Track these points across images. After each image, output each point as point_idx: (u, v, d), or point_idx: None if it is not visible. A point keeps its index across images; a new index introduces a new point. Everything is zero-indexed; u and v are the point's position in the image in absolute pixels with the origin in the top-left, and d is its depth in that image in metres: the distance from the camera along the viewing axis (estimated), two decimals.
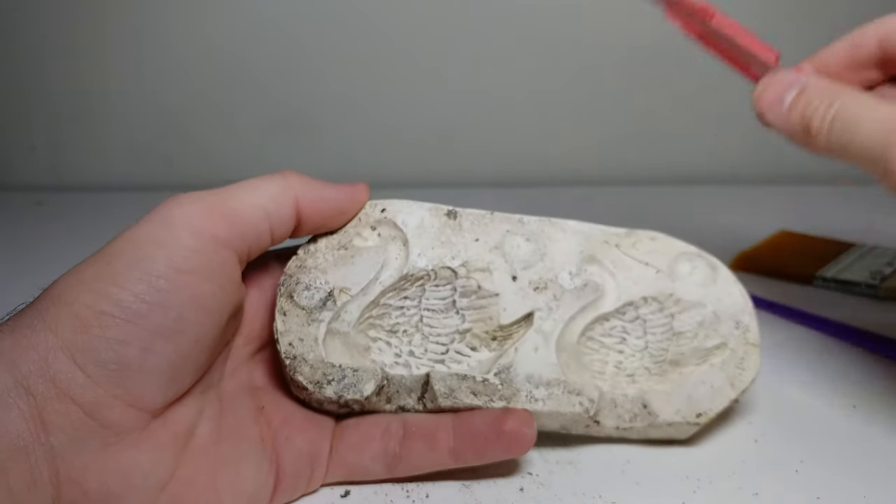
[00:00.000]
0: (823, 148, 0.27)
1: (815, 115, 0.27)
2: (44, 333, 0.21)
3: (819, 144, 0.27)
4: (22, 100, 0.68)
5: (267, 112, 0.69)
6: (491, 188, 0.68)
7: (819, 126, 0.27)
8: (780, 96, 0.29)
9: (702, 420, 0.29)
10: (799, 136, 0.28)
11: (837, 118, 0.27)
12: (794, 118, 0.28)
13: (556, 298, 0.30)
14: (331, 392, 0.26)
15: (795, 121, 0.28)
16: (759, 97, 0.30)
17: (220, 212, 0.25)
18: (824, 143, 0.27)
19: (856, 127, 0.26)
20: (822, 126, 0.27)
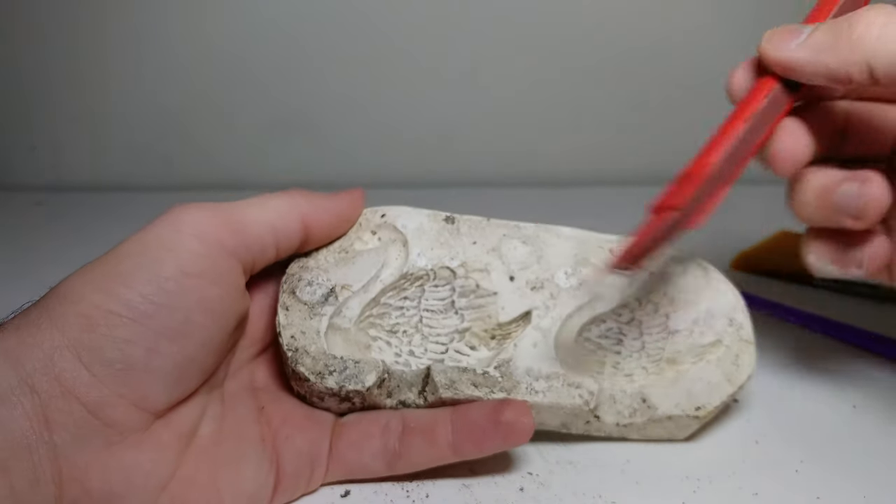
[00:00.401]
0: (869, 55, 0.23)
1: (858, 21, 0.23)
2: (50, 331, 0.21)
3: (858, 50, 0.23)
4: (22, 100, 0.68)
5: (267, 112, 0.69)
6: (491, 188, 0.68)
7: (866, 29, 0.23)
8: (796, 30, 0.25)
9: (701, 413, 0.29)
10: (828, 53, 0.24)
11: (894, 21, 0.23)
12: (820, 37, 0.24)
13: (552, 297, 0.30)
14: (332, 382, 0.27)
15: (821, 38, 0.24)
16: (770, 35, 0.26)
17: (228, 222, 0.25)
18: (868, 48, 0.23)
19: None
20: (871, 28, 0.23)
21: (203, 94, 0.68)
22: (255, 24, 0.65)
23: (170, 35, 0.66)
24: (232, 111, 0.69)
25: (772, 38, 0.25)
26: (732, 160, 0.25)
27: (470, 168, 0.73)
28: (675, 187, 0.25)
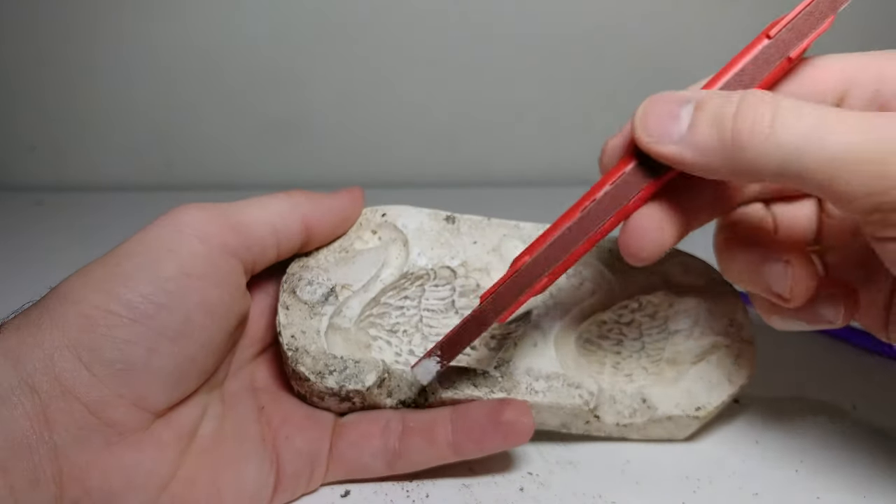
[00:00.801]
0: (761, 161, 0.20)
1: (742, 121, 0.20)
2: (50, 331, 0.21)
3: (755, 157, 0.20)
4: (22, 100, 0.68)
5: (267, 112, 0.69)
6: (491, 188, 0.68)
7: (751, 131, 0.20)
8: (672, 115, 0.22)
9: (701, 414, 0.29)
10: (716, 156, 0.21)
11: (783, 118, 0.20)
12: (705, 133, 0.21)
13: (553, 297, 0.30)
14: (332, 382, 0.27)
15: (707, 136, 0.21)
16: (643, 119, 0.22)
17: (229, 222, 0.25)
18: (764, 154, 0.20)
19: (822, 128, 0.19)
20: (757, 130, 0.20)
21: (203, 94, 0.68)
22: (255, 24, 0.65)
23: (170, 35, 0.66)
24: (232, 111, 0.69)
25: (647, 123, 0.22)
26: (562, 250, 0.24)
27: (470, 168, 0.73)
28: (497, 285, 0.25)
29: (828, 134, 0.19)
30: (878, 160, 0.19)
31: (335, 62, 0.67)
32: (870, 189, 0.19)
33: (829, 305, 0.25)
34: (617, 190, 0.24)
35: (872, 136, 0.19)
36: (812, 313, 0.25)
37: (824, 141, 0.19)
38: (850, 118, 0.20)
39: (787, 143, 0.20)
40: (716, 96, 0.21)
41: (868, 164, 0.19)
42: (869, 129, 0.19)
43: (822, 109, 0.20)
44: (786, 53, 0.23)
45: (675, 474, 0.29)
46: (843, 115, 0.20)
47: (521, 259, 0.25)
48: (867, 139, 0.19)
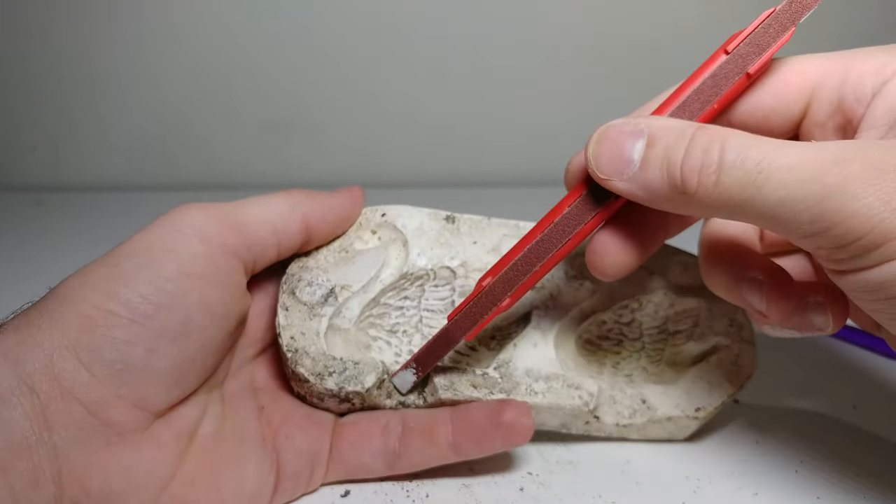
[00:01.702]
0: (709, 206, 0.20)
1: (690, 167, 0.20)
2: (49, 332, 0.21)
3: (702, 203, 0.21)
4: (22, 100, 0.68)
5: (267, 112, 0.69)
6: (490, 188, 0.68)
7: (701, 181, 0.20)
8: (625, 153, 0.22)
9: (700, 415, 0.29)
10: (666, 197, 0.21)
11: (728, 166, 0.20)
12: (655, 175, 0.21)
13: (552, 297, 0.30)
14: (332, 384, 0.27)
15: (657, 178, 0.21)
16: (595, 154, 0.22)
17: (229, 222, 0.25)
18: (712, 200, 0.20)
19: (761, 175, 0.19)
20: (706, 179, 0.20)
21: (203, 94, 0.68)
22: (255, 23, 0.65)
23: (170, 35, 0.65)
24: (232, 111, 0.69)
25: (599, 159, 0.22)
26: (523, 271, 0.25)
27: (470, 168, 0.73)
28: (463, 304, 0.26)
29: (767, 180, 0.19)
30: (811, 203, 0.19)
31: (335, 62, 0.67)
32: (809, 230, 0.20)
33: (819, 313, 0.25)
34: (573, 213, 0.24)
35: (808, 177, 0.19)
36: (802, 321, 0.26)
37: (764, 188, 0.19)
38: (791, 156, 0.19)
39: (732, 192, 0.20)
40: (667, 132, 0.21)
41: (804, 208, 0.19)
42: (806, 169, 0.19)
43: (765, 149, 0.20)
44: (745, 69, 0.23)
45: (675, 474, 0.29)
46: (785, 153, 0.20)
47: (485, 279, 0.25)
48: (803, 182, 0.19)
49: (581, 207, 0.24)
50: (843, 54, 0.24)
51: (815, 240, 0.20)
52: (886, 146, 0.20)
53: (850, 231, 0.19)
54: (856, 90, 0.23)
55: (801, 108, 0.24)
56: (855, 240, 0.19)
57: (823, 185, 0.19)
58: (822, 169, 0.19)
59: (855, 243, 0.19)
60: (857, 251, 0.19)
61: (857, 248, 0.19)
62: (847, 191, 0.19)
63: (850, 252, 0.19)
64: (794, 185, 0.19)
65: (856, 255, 0.19)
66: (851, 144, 0.20)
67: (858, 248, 0.19)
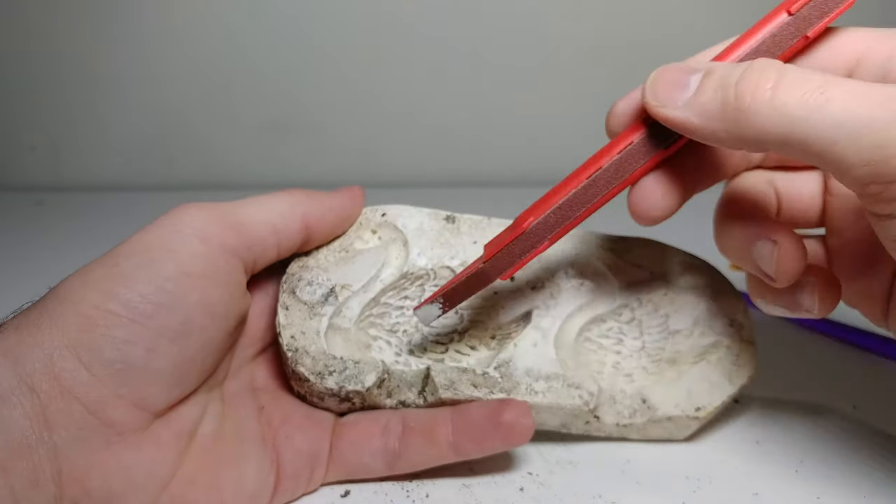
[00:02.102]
0: (763, 125, 0.20)
1: (746, 83, 0.20)
2: (49, 331, 0.21)
3: (755, 121, 0.20)
4: (22, 100, 0.68)
5: (267, 112, 0.69)
6: (490, 188, 0.68)
7: (753, 95, 0.20)
8: (683, 80, 0.22)
9: (700, 414, 0.29)
10: (719, 118, 0.21)
11: (788, 82, 0.20)
12: (709, 96, 0.21)
13: (553, 297, 0.30)
14: (332, 383, 0.27)
15: (710, 99, 0.21)
16: (652, 85, 0.23)
17: (229, 222, 0.25)
18: (766, 118, 0.20)
19: (823, 94, 0.19)
20: (761, 93, 0.20)
21: (203, 94, 0.68)
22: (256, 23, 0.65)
23: (170, 35, 0.66)
24: (232, 111, 0.69)
25: (656, 89, 0.23)
26: (566, 215, 0.25)
27: (470, 168, 0.73)
28: (495, 239, 0.26)
29: (830, 100, 0.19)
30: (877, 128, 0.18)
31: (335, 62, 0.67)
32: (868, 158, 0.19)
33: (807, 293, 0.25)
34: (624, 158, 0.24)
35: (874, 103, 0.19)
36: (791, 300, 0.26)
37: (826, 107, 0.19)
38: (854, 86, 0.19)
39: (789, 107, 0.20)
40: (724, 66, 0.22)
41: (867, 132, 0.19)
42: (871, 96, 0.19)
43: (827, 77, 0.20)
44: (804, 31, 0.22)
45: (675, 474, 0.29)
46: (848, 83, 0.19)
47: (526, 220, 0.25)
48: (868, 106, 0.19)
49: (633, 152, 0.24)
50: (892, 31, 0.23)
51: (870, 170, 0.19)
52: None
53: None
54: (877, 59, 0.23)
55: (844, 75, 0.23)
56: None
57: (892, 113, 0.18)
58: (892, 96, 0.19)
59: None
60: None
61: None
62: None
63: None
64: (859, 108, 0.19)
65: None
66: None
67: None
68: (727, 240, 0.27)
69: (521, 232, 0.25)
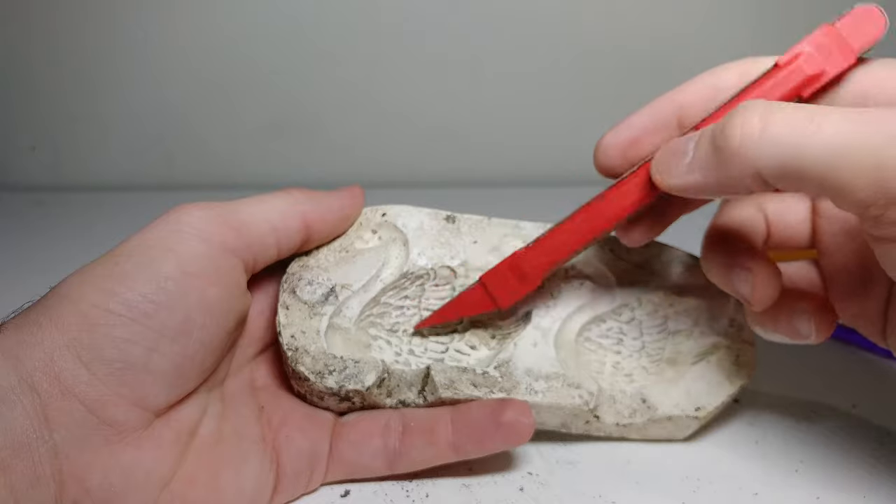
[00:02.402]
0: (754, 159, 0.20)
1: (732, 127, 0.20)
2: (49, 330, 0.21)
3: (748, 155, 0.20)
4: (22, 100, 0.68)
5: (267, 112, 0.69)
6: (491, 188, 0.68)
7: (741, 138, 0.20)
8: (683, 149, 0.23)
9: (700, 414, 0.29)
10: (712, 173, 0.21)
11: (776, 117, 0.20)
12: (702, 150, 0.22)
13: (553, 297, 0.30)
14: (332, 382, 0.27)
15: (703, 151, 0.22)
16: (660, 162, 0.24)
17: (229, 221, 0.25)
18: (758, 151, 0.20)
19: (813, 122, 0.19)
20: (750, 129, 0.20)
21: (203, 94, 0.68)
22: (255, 23, 0.65)
23: (170, 35, 0.66)
24: (232, 111, 0.69)
25: (661, 167, 0.24)
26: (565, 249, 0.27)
27: (470, 168, 0.73)
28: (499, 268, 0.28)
29: (821, 126, 0.19)
30: (874, 149, 0.18)
31: (335, 62, 0.67)
32: (866, 180, 0.19)
33: (804, 321, 0.26)
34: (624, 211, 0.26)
35: (867, 125, 0.19)
36: (789, 327, 0.26)
37: (818, 133, 0.19)
38: (843, 112, 0.19)
39: (781, 139, 0.20)
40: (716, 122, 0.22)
41: (864, 154, 0.18)
42: (864, 119, 0.19)
43: (813, 107, 0.20)
44: None
45: (675, 474, 0.29)
46: (836, 110, 0.19)
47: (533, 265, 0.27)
48: (862, 129, 0.19)
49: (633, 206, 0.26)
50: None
51: (870, 193, 0.19)
52: None
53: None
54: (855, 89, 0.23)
55: None
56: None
57: (887, 134, 0.18)
58: (885, 119, 0.18)
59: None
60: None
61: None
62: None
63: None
64: (852, 131, 0.18)
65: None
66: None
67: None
68: (709, 265, 0.27)
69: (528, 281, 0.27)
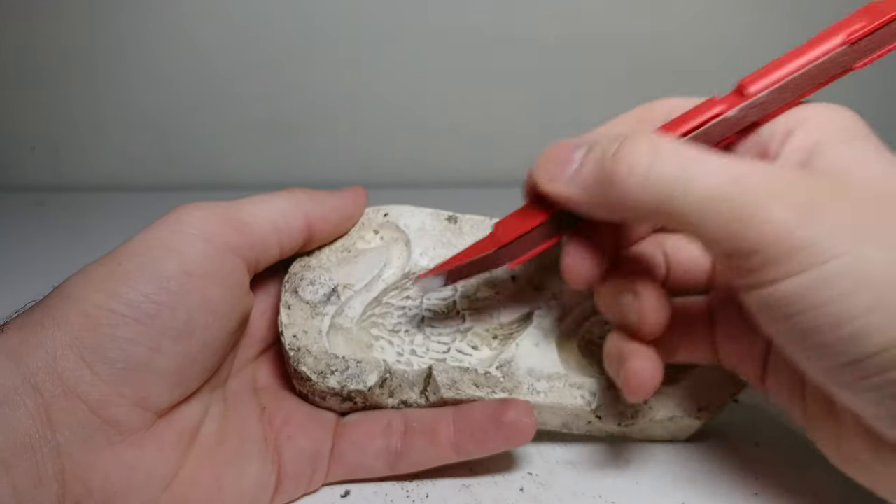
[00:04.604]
0: (636, 199, 0.21)
1: (622, 158, 0.21)
2: (52, 330, 0.21)
3: (630, 197, 0.21)
4: (22, 100, 0.68)
5: (267, 112, 0.69)
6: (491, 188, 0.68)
7: (628, 171, 0.21)
8: (568, 156, 0.23)
9: (703, 415, 0.29)
10: (598, 194, 0.22)
11: (660, 158, 0.20)
12: (589, 170, 0.22)
13: (555, 297, 0.30)
14: (334, 382, 0.27)
15: (590, 173, 0.22)
16: (540, 166, 0.24)
17: (231, 221, 0.25)
18: (639, 194, 0.21)
19: (689, 171, 0.20)
20: (634, 170, 0.21)
21: (203, 95, 0.68)
22: (255, 24, 0.65)
23: (170, 35, 0.66)
24: (232, 111, 0.69)
25: (545, 165, 0.24)
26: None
27: (470, 168, 0.73)
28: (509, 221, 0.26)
29: (694, 178, 0.20)
30: (733, 203, 0.19)
31: (335, 62, 0.67)
32: (726, 232, 0.20)
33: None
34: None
35: (730, 179, 0.20)
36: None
37: (691, 185, 0.20)
38: (718, 162, 0.20)
39: (659, 185, 0.20)
40: (605, 138, 0.22)
41: (724, 208, 0.19)
42: (728, 173, 0.20)
43: (694, 153, 0.21)
44: (854, 63, 0.23)
45: (675, 475, 0.29)
46: (713, 160, 0.20)
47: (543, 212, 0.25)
48: (725, 183, 0.20)
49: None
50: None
51: (730, 244, 0.20)
52: (804, 172, 0.21)
53: (763, 238, 0.19)
54: (772, 125, 0.23)
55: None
56: (766, 247, 0.19)
57: (745, 190, 0.19)
58: (747, 174, 0.20)
59: (765, 252, 0.19)
60: (768, 260, 0.19)
61: (768, 257, 0.19)
62: (768, 198, 0.19)
63: (761, 261, 0.19)
64: (718, 186, 0.20)
65: (766, 264, 0.19)
66: (774, 165, 0.21)
67: (769, 257, 0.19)
68: (598, 296, 0.27)
69: (540, 222, 0.25)
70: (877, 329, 0.18)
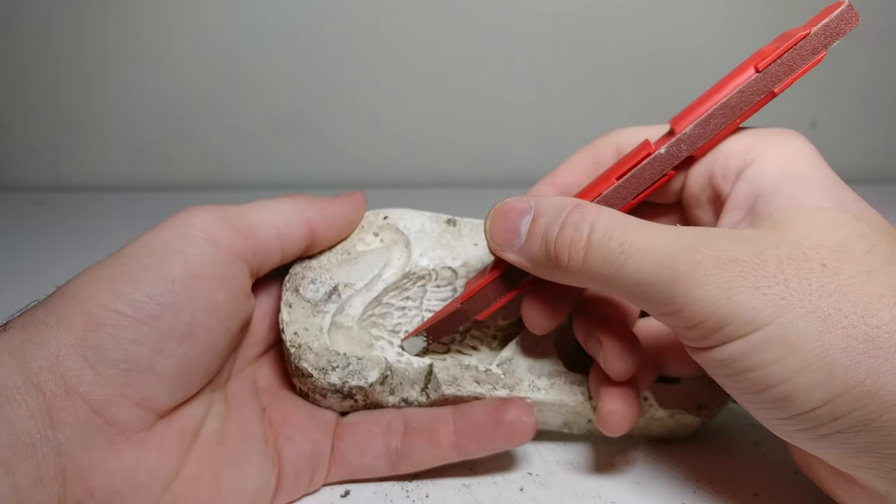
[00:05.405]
0: (580, 279, 0.23)
1: (563, 242, 0.22)
2: (56, 329, 0.21)
3: (573, 276, 0.23)
4: (22, 100, 0.68)
5: (267, 112, 0.69)
6: (491, 188, 0.68)
7: (568, 257, 0.22)
8: (515, 226, 0.24)
9: (703, 413, 0.29)
10: (545, 268, 0.23)
11: (594, 244, 0.22)
12: (535, 247, 0.23)
13: None
14: (335, 378, 0.27)
15: (537, 250, 0.23)
16: (489, 229, 0.25)
17: (236, 226, 0.25)
18: (581, 275, 0.22)
19: (622, 255, 0.21)
20: (575, 254, 0.22)
21: (203, 94, 0.68)
22: (256, 23, 0.66)
23: (170, 35, 0.66)
24: (232, 111, 0.69)
25: (492, 231, 0.25)
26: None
27: (470, 168, 0.73)
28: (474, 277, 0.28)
29: (627, 260, 0.21)
30: (664, 287, 0.21)
31: (335, 63, 0.67)
32: (663, 310, 0.21)
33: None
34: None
35: (660, 262, 0.21)
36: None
37: (624, 268, 0.21)
38: (652, 239, 0.21)
39: (597, 269, 0.22)
40: (549, 208, 0.23)
41: (659, 289, 0.21)
42: (658, 254, 0.21)
43: (629, 232, 0.22)
44: (772, 88, 0.23)
45: (675, 474, 0.29)
46: (648, 236, 0.21)
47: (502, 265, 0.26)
48: (656, 265, 0.21)
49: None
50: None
51: (670, 318, 0.22)
52: (734, 235, 0.22)
53: (695, 314, 0.20)
54: (723, 168, 0.24)
55: (681, 179, 0.26)
56: (699, 322, 0.21)
57: (674, 271, 0.21)
58: (674, 255, 0.21)
59: (699, 325, 0.21)
60: (703, 332, 0.21)
61: (702, 329, 0.21)
62: (693, 279, 0.20)
63: (698, 332, 0.21)
64: (649, 268, 0.21)
65: (702, 335, 0.21)
66: (703, 233, 0.22)
67: (703, 329, 0.21)
68: (576, 329, 0.28)
69: (493, 277, 0.26)
70: (805, 390, 0.20)
